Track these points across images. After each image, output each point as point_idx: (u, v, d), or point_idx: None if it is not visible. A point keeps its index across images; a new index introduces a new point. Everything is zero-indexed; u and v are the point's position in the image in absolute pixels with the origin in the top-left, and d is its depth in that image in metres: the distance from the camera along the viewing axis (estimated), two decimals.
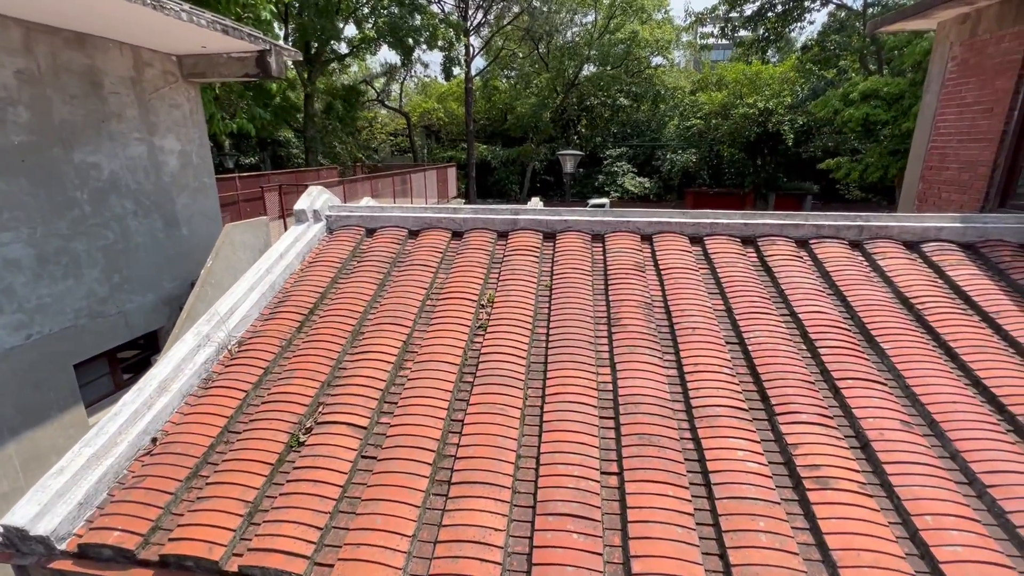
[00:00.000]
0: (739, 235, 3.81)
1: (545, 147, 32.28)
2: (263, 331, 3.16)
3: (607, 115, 34.40)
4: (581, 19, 30.60)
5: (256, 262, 3.70)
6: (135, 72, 6.00)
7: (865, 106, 12.11)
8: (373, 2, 20.34)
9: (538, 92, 31.61)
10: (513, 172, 33.92)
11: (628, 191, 31.29)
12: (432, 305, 3.35)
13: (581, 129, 35.32)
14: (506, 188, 33.60)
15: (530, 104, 30.78)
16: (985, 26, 5.03)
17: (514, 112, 32.06)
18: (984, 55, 5.05)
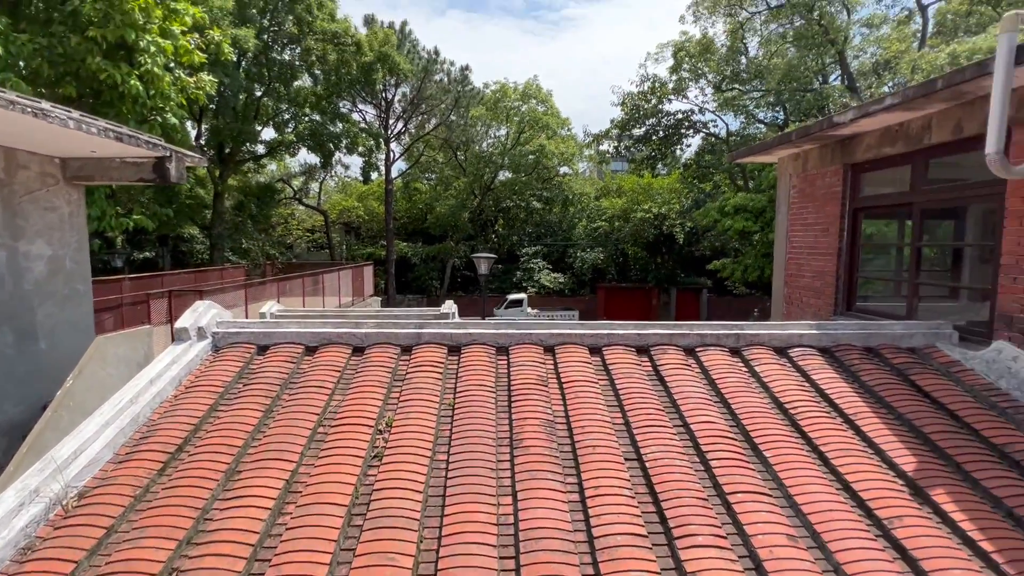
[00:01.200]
0: (634, 345, 4.03)
1: (464, 245, 33.45)
2: (114, 478, 2.71)
3: (522, 216, 36.82)
4: (495, 132, 33.62)
5: (119, 390, 3.27)
6: (4, 174, 5.53)
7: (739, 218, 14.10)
8: (295, 109, 21.01)
9: (457, 194, 33.36)
10: (433, 268, 34.44)
11: (544, 286, 32.74)
12: (324, 433, 3.10)
13: (498, 228, 37.27)
14: (426, 284, 33.82)
15: (449, 205, 32.25)
16: (812, 163, 6.16)
17: (434, 212, 33.32)
18: (815, 186, 6.13)
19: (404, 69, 22.21)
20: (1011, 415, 3.38)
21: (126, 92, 10.19)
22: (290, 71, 19.80)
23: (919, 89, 4.07)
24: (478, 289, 36.47)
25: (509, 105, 31.15)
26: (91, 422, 2.95)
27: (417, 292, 34.24)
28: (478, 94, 29.98)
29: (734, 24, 19.50)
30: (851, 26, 19.48)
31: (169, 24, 10.86)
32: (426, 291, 34.11)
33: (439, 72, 27.76)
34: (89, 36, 9.65)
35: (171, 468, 2.83)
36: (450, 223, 33.06)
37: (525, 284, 33.91)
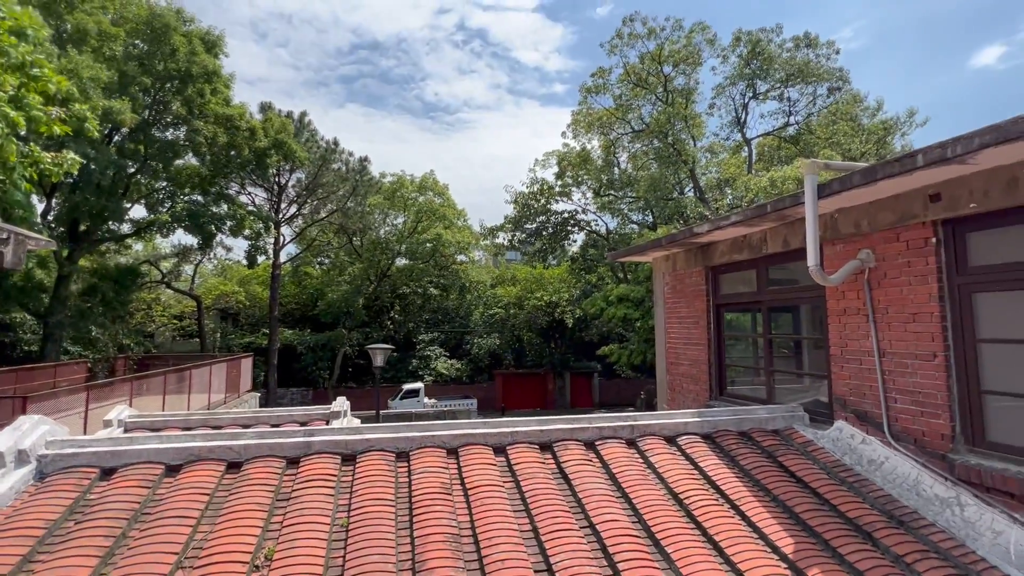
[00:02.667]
0: (537, 442, 4.03)
1: (358, 332, 32.01)
2: None
3: (419, 303, 36.57)
4: (392, 220, 34.03)
5: None
6: None
7: (622, 307, 15.43)
8: (174, 188, 19.55)
9: (352, 280, 32.44)
10: (322, 358, 32.20)
11: (441, 374, 32.03)
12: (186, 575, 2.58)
13: (395, 315, 36.45)
14: (313, 375, 31.33)
15: (343, 291, 31.14)
16: (680, 264, 7.04)
17: (326, 298, 31.85)
18: (685, 284, 6.97)
19: (300, 157, 22.08)
20: (857, 488, 3.87)
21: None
22: (172, 150, 18.64)
23: (754, 211, 4.96)
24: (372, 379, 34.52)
25: (406, 195, 32.05)
26: None
27: (303, 384, 31.47)
28: (376, 183, 30.57)
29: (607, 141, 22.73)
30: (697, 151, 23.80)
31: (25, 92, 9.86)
32: (313, 382, 31.49)
33: (337, 161, 28.02)
34: None
35: None
36: (343, 309, 31.70)
37: (422, 372, 32.91)
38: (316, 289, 34.94)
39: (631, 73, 21.89)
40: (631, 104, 22.51)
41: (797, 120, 24.59)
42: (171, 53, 18.45)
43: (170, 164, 18.79)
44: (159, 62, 18.79)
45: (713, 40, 23.94)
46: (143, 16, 18.30)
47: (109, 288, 19.13)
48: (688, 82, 23.08)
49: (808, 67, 23.26)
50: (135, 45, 18.68)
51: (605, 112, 22.59)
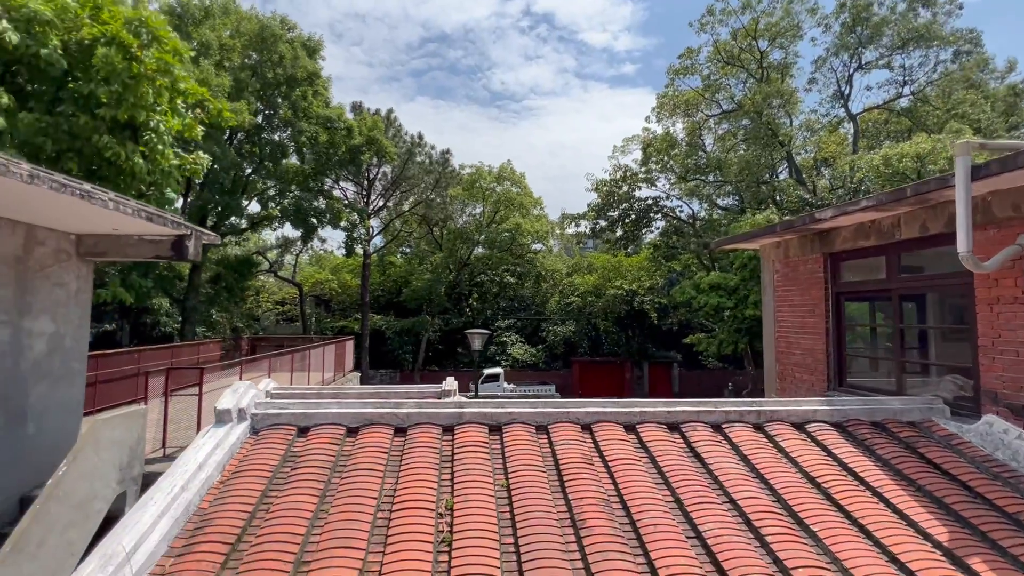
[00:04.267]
0: (664, 421, 4.22)
1: (439, 318, 33.47)
2: (175, 572, 2.60)
3: (495, 290, 37.46)
4: (471, 210, 35.03)
5: (166, 476, 3.18)
6: (23, 251, 5.50)
7: (714, 295, 14.99)
8: (282, 185, 21.51)
9: (433, 269, 33.89)
10: (407, 342, 34.02)
11: (517, 360, 32.72)
12: (386, 518, 3.08)
13: (472, 302, 37.64)
14: (399, 358, 33.23)
15: (426, 279, 32.60)
16: (793, 251, 6.84)
17: (410, 286, 33.53)
18: (798, 271, 6.76)
19: (390, 152, 23.37)
20: (1014, 484, 3.70)
21: (127, 168, 10.35)
22: (281, 151, 20.51)
23: (890, 195, 4.76)
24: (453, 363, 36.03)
25: (485, 185, 32.79)
26: (146, 511, 2.86)
27: (390, 366, 33.49)
28: (456, 175, 31.55)
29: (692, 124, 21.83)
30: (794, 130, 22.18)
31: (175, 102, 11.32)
32: (399, 365, 33.42)
33: (421, 154, 29.26)
34: (99, 116, 9.94)
35: (234, 560, 2.74)
36: (425, 297, 33.23)
37: (499, 358, 33.79)
38: (400, 277, 36.85)
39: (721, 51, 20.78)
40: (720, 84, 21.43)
41: (913, 90, 22.12)
42: (278, 60, 20.19)
43: (279, 164, 20.70)
44: (268, 70, 20.63)
45: (815, 9, 22.08)
46: (254, 29, 20.15)
47: (231, 276, 21.54)
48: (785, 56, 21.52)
49: (929, 30, 20.74)
50: (248, 56, 20.61)
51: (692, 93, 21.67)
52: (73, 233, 6.17)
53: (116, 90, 9.76)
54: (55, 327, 5.93)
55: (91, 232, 6.22)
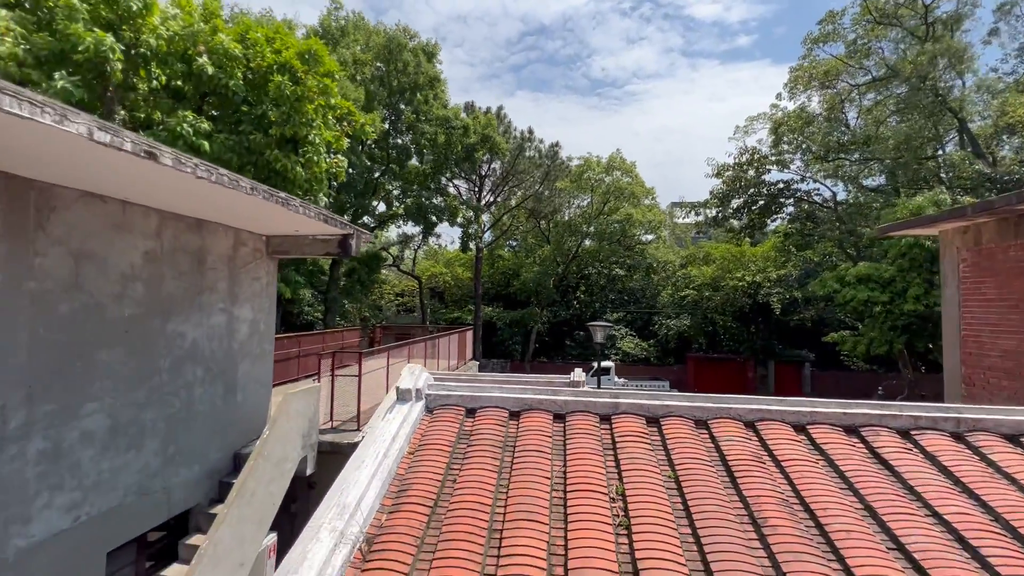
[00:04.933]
0: (840, 424, 3.91)
1: (547, 311, 33.88)
2: (391, 527, 3.01)
3: (602, 283, 36.96)
4: (579, 202, 34.84)
5: (370, 444, 3.66)
6: (232, 251, 6.61)
7: (863, 288, 13.33)
8: (405, 186, 23.23)
9: (541, 261, 34.33)
10: (516, 333, 34.96)
11: (628, 354, 32.00)
12: (560, 498, 3.26)
13: (580, 295, 37.52)
14: (510, 348, 34.25)
15: (534, 272, 33.14)
16: (989, 237, 5.87)
17: (519, 278, 34.35)
18: (995, 260, 5.80)
19: (502, 148, 24.10)
20: None
21: (290, 176, 11.90)
22: (405, 153, 22.18)
23: None
24: (561, 354, 36.35)
25: (593, 177, 32.36)
26: (361, 473, 3.33)
27: (500, 356, 34.68)
28: (565, 167, 31.54)
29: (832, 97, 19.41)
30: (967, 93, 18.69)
31: (327, 117, 12.73)
32: (509, 355, 34.48)
33: (530, 149, 29.71)
34: (270, 134, 11.52)
35: (435, 522, 3.09)
36: (533, 289, 33.80)
37: (608, 351, 33.34)
38: (509, 270, 37.88)
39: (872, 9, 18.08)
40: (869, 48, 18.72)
41: None
42: (403, 68, 21.76)
43: (404, 166, 22.40)
44: (393, 78, 22.32)
45: None
46: (382, 42, 21.90)
47: (362, 271, 23.84)
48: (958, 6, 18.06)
49: None
50: (375, 67, 22.44)
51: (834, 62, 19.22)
52: (264, 235, 7.28)
53: (284, 111, 11.24)
54: (253, 314, 7.07)
55: (277, 234, 7.29)
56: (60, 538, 4.31)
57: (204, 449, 6.07)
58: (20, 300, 3.99)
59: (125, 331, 4.96)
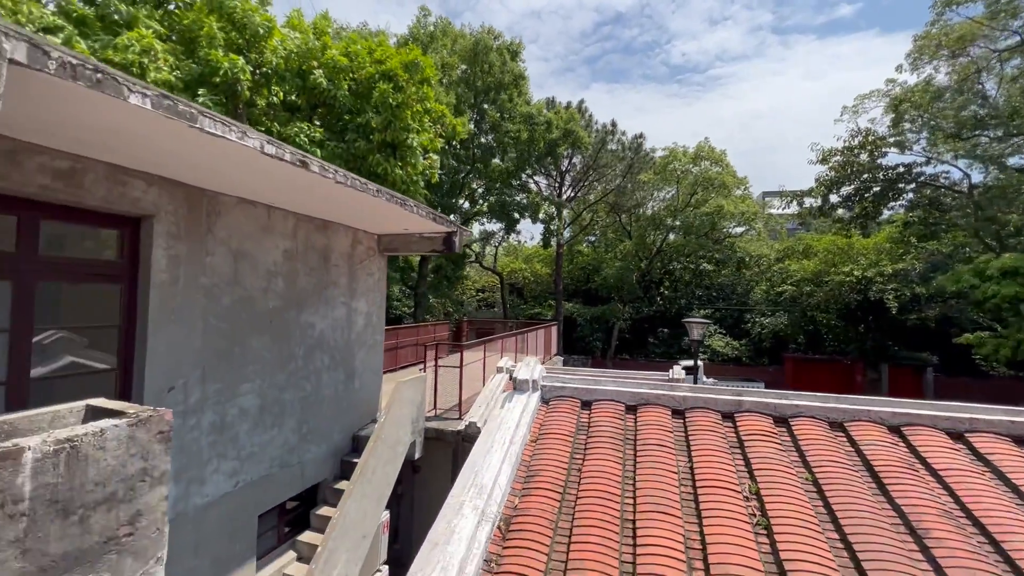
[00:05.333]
0: (1008, 434, 3.50)
1: (629, 307, 33.11)
2: (525, 510, 3.15)
3: (687, 278, 35.42)
4: (663, 195, 33.60)
5: (497, 431, 3.85)
6: (351, 248, 7.18)
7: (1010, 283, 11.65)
8: (488, 183, 23.78)
9: (623, 257, 33.59)
10: (597, 329, 34.53)
11: (717, 352, 30.46)
12: (690, 494, 3.23)
13: (664, 291, 36.25)
14: (590, 345, 33.92)
15: (616, 267, 32.50)
16: None
17: (600, 274, 33.87)
18: None
19: (585, 143, 23.86)
20: None
21: (389, 178, 12.63)
22: (490, 152, 22.72)
23: None
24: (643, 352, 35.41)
25: (679, 168, 31.06)
26: (492, 456, 3.51)
27: (581, 352, 34.45)
28: (649, 159, 30.57)
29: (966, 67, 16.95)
30: None
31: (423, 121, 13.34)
32: (589, 351, 34.15)
33: (612, 142, 29.14)
34: (372, 139, 12.30)
35: (566, 508, 3.20)
36: (614, 285, 33.18)
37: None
38: (588, 265, 37.47)
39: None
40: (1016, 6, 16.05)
41: None
42: (488, 69, 22.24)
43: (489, 164, 22.94)
44: (478, 79, 22.87)
45: None
46: (468, 45, 22.52)
47: (449, 267, 24.77)
48: None
49: None
50: (462, 70, 23.11)
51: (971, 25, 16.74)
52: (376, 233, 7.83)
53: (385, 117, 11.94)
54: (367, 307, 7.64)
55: (387, 232, 7.80)
56: (224, 499, 4.97)
57: (329, 430, 6.69)
58: (197, 293, 4.64)
59: (270, 321, 5.59)
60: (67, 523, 2.36)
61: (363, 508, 6.01)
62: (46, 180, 3.44)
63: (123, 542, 2.65)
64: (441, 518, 3.16)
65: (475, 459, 3.58)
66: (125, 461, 2.64)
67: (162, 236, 4.30)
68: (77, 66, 2.35)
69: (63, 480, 2.35)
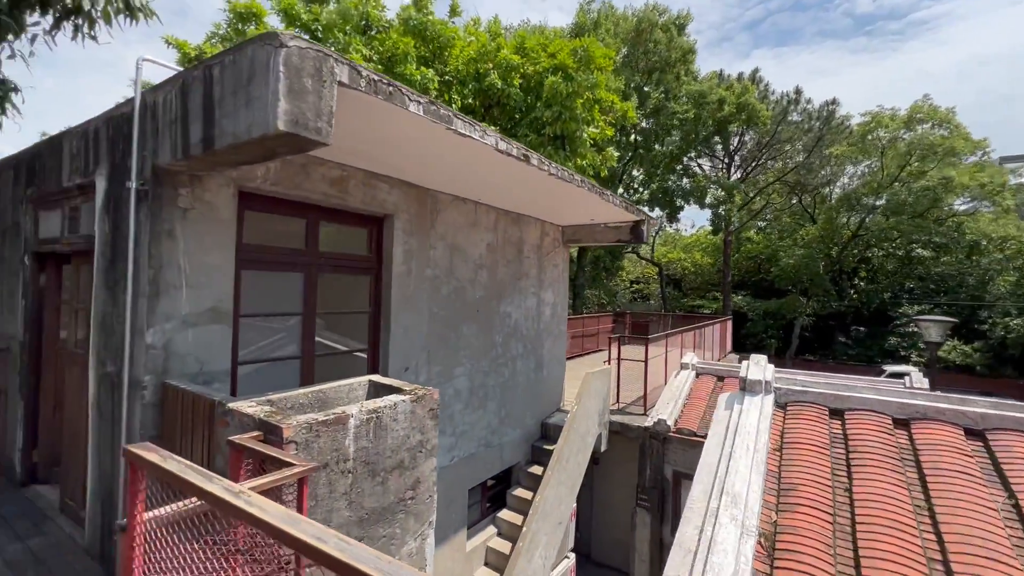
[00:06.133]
0: None
1: (814, 301, 28.90)
2: (791, 528, 2.79)
3: (890, 267, 29.58)
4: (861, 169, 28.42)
5: (739, 435, 3.52)
6: (539, 241, 7.34)
7: None
8: (650, 169, 22.72)
9: (805, 243, 29.35)
10: (771, 326, 30.86)
11: (939, 358, 24.87)
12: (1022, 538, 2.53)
13: (858, 283, 30.83)
14: (763, 342, 30.48)
15: (798, 255, 28.58)
16: None
17: (777, 264, 30.13)
18: None
19: (763, 117, 21.29)
20: None
21: None
22: (654, 136, 21.66)
23: None
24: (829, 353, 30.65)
25: (883, 136, 25.91)
26: (738, 462, 3.20)
27: (750, 350, 31.18)
28: (843, 129, 26.12)
29: None
30: None
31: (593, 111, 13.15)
32: (761, 350, 30.72)
33: (794, 112, 25.57)
34: (543, 133, 12.50)
35: (841, 533, 2.75)
36: (794, 276, 29.20)
37: (904, 352, 26.65)
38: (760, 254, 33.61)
39: None
40: None
41: None
42: (652, 48, 21.13)
43: (651, 150, 21.88)
44: (640, 60, 21.87)
45: None
46: (630, 27, 21.65)
47: (607, 258, 24.37)
48: None
49: None
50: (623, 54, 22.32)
51: None
52: (560, 225, 7.91)
53: (556, 110, 12.03)
54: (553, 298, 7.78)
55: (571, 223, 7.83)
56: (444, 471, 5.47)
57: (522, 415, 6.97)
58: (423, 283, 5.14)
59: (477, 310, 5.98)
60: (374, 482, 2.72)
61: (559, 495, 6.13)
62: (326, 187, 4.06)
63: (408, 504, 2.98)
64: (687, 523, 2.96)
65: (709, 461, 3.30)
66: (409, 433, 2.97)
67: (400, 232, 4.82)
68: (377, 82, 2.65)
69: (371, 445, 2.70)
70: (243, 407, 2.51)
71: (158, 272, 3.07)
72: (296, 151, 2.43)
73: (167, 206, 3.10)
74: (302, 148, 2.38)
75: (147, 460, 1.49)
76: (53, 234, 4.33)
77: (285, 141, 2.30)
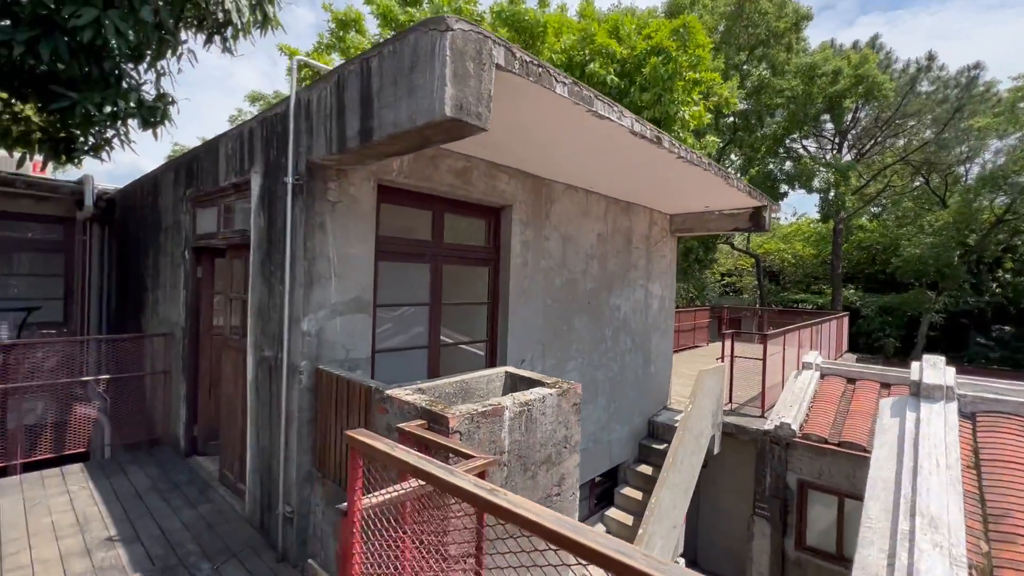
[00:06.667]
0: None
1: (945, 295, 25.41)
2: (1009, 561, 2.34)
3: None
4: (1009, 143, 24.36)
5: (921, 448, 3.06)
6: (648, 230, 7.00)
7: None
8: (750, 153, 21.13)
9: (934, 231, 25.82)
10: (888, 323, 27.59)
11: None
12: None
13: (1004, 275, 26.63)
14: (879, 342, 27.36)
15: (927, 244, 25.24)
16: None
17: (898, 254, 26.82)
18: None
19: (886, 88, 18.90)
20: None
21: None
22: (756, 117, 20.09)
23: None
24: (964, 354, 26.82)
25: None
26: (927, 480, 2.77)
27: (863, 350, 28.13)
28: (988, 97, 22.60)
29: None
30: None
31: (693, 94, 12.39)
32: (876, 349, 27.59)
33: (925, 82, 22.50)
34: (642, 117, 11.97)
35: None
36: (921, 268, 25.81)
37: None
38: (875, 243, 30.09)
39: None
40: None
41: None
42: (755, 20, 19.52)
43: (752, 133, 20.30)
44: (740, 35, 20.30)
45: None
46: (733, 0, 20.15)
47: (699, 249, 23.03)
48: None
49: None
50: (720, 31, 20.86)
51: None
52: (668, 214, 7.50)
53: (655, 92, 11.47)
54: (661, 291, 7.41)
55: (681, 212, 7.39)
56: None
57: (630, 412, 6.71)
58: (538, 275, 5.06)
59: (588, 302, 5.82)
60: (525, 476, 2.65)
61: (673, 498, 5.82)
62: (451, 179, 4.08)
63: (554, 501, 2.90)
64: (868, 544, 2.60)
65: (883, 475, 2.89)
66: (555, 427, 2.88)
67: (517, 223, 4.76)
68: (529, 63, 2.54)
69: (523, 438, 2.64)
70: (401, 395, 2.54)
71: (312, 263, 3.23)
72: (455, 138, 2.39)
73: (319, 200, 3.24)
74: (462, 134, 2.35)
75: (375, 448, 1.51)
76: (210, 230, 4.77)
77: (447, 128, 2.26)
